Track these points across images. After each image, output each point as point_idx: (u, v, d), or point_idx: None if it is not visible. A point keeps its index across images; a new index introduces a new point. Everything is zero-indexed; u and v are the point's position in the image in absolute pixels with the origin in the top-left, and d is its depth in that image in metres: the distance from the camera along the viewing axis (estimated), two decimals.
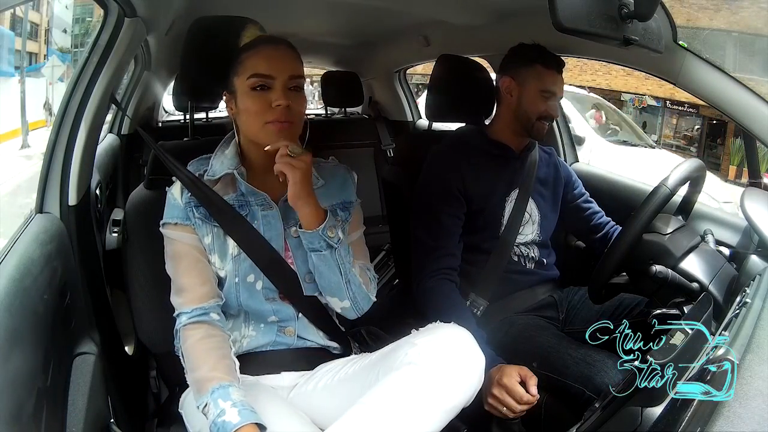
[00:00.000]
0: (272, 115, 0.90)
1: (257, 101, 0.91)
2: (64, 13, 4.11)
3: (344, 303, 0.97)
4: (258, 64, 0.91)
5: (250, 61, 0.92)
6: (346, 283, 0.95)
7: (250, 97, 0.91)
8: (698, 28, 9.62)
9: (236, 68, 0.93)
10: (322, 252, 0.92)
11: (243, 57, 0.93)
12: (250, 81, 0.91)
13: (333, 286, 0.95)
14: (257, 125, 0.92)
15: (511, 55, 1.32)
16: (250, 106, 0.91)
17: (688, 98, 9.31)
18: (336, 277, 0.94)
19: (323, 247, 0.92)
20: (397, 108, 2.69)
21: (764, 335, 0.68)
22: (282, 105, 0.90)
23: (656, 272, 0.98)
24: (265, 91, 0.91)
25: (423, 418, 0.78)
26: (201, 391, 0.84)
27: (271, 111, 0.90)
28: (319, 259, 0.93)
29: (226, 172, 0.96)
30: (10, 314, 0.71)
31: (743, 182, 6.87)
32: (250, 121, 0.92)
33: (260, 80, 0.90)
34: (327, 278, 0.94)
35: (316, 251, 0.93)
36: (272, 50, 0.92)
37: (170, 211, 0.96)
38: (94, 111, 1.03)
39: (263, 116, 0.91)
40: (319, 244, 0.92)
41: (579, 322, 1.25)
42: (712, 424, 0.54)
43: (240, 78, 0.92)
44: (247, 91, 0.91)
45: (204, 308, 0.92)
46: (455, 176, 1.26)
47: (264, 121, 0.91)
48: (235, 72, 0.93)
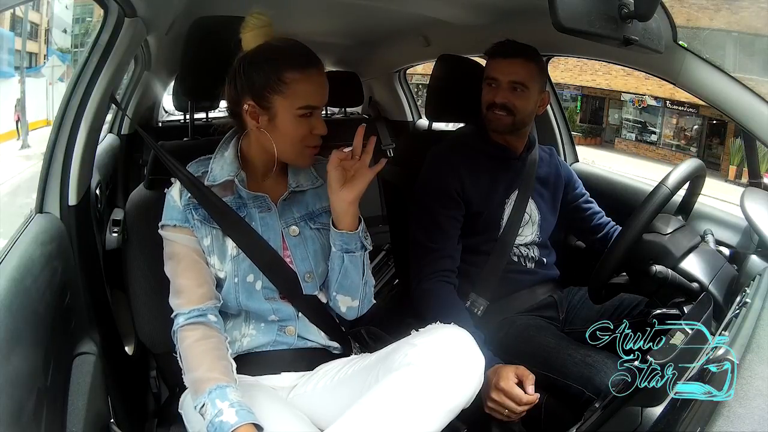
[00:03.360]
0: (313, 142, 0.94)
1: (302, 128, 0.92)
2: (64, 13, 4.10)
3: (354, 302, 0.99)
4: (311, 93, 0.91)
5: (301, 88, 0.90)
6: (364, 284, 0.98)
7: (297, 123, 0.91)
8: (698, 28, 9.63)
9: (279, 87, 0.89)
10: (356, 253, 0.95)
11: (289, 77, 0.89)
12: (301, 111, 0.90)
13: (354, 286, 0.98)
14: (297, 149, 0.94)
15: None
16: (294, 132, 0.92)
17: (688, 98, 9.31)
18: (359, 277, 0.97)
19: (358, 248, 0.95)
20: (397, 108, 2.69)
21: (764, 335, 0.68)
22: (322, 134, 0.93)
23: (656, 272, 0.97)
24: (308, 118, 0.92)
25: (423, 418, 0.77)
26: (198, 391, 0.84)
27: (311, 137, 0.93)
28: (350, 260, 0.95)
29: (226, 179, 0.96)
30: (10, 314, 0.71)
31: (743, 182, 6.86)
32: (289, 143, 0.93)
33: (310, 111, 0.91)
34: (351, 278, 0.97)
35: (350, 252, 0.95)
36: (319, 77, 0.92)
37: (169, 213, 0.96)
38: (94, 111, 1.03)
39: (306, 141, 0.93)
40: (355, 245, 0.94)
41: (579, 322, 1.25)
42: (712, 424, 0.54)
43: (287, 101, 0.90)
44: (294, 117, 0.91)
45: (201, 310, 0.92)
46: (454, 178, 1.26)
47: (304, 146, 0.94)
48: (280, 92, 0.90)
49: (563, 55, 1.70)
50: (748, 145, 1.23)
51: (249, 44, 0.92)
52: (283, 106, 0.90)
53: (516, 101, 1.23)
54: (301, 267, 0.98)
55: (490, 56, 1.27)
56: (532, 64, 1.24)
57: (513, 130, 1.27)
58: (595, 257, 1.10)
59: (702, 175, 1.13)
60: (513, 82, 1.23)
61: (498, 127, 1.27)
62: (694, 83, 1.14)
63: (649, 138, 13.07)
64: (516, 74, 1.23)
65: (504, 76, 1.23)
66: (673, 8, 1.09)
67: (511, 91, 1.23)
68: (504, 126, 1.26)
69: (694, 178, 1.11)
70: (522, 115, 1.25)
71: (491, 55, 1.27)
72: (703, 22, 9.86)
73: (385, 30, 2.08)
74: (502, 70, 1.24)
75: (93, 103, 1.02)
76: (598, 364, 1.05)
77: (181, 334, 0.91)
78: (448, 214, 1.26)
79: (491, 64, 1.27)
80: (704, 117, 11.57)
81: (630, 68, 1.43)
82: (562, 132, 1.78)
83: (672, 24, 1.10)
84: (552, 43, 1.40)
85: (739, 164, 10.16)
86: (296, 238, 0.98)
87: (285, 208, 0.98)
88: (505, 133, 1.28)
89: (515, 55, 1.23)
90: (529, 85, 1.23)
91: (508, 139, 1.30)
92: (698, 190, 1.17)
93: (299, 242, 0.97)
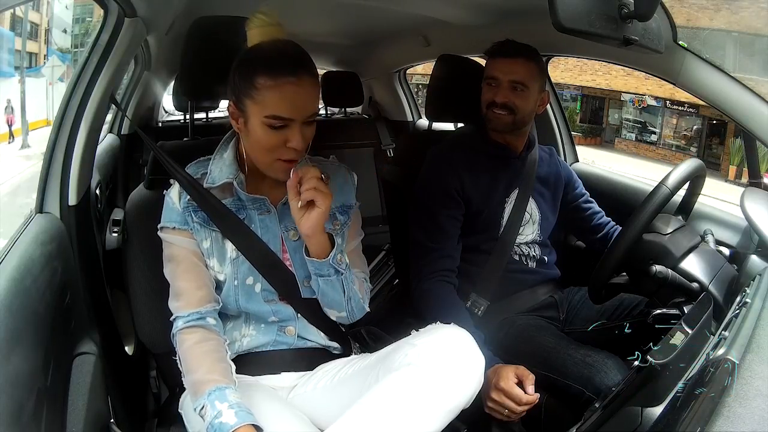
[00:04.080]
0: (286, 155, 0.87)
1: (272, 139, 0.85)
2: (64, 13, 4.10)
3: (341, 314, 0.98)
4: (280, 105, 0.83)
5: (271, 97, 0.83)
6: (348, 300, 0.96)
7: (265, 133, 0.85)
8: (698, 28, 9.64)
9: (250, 91, 0.84)
10: (330, 278, 0.92)
11: (260, 84, 0.83)
12: (268, 120, 0.84)
13: (335, 303, 0.96)
14: (267, 160, 0.88)
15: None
16: (263, 140, 0.86)
17: (688, 98, 9.32)
18: (339, 296, 0.95)
19: (331, 274, 0.92)
20: (397, 108, 2.69)
21: (764, 335, 0.68)
22: (299, 148, 0.86)
23: (656, 272, 0.97)
24: (282, 129, 0.85)
25: (423, 418, 0.77)
26: (198, 393, 0.84)
27: (285, 150, 0.86)
28: (325, 284, 0.93)
29: (225, 181, 0.95)
30: (11, 314, 0.71)
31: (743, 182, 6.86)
32: (259, 151, 0.88)
33: (279, 122, 0.84)
34: (330, 297, 0.95)
35: (324, 277, 0.92)
36: (296, 88, 0.83)
37: (168, 215, 0.96)
38: (94, 111, 1.02)
39: (276, 153, 0.87)
40: (327, 271, 0.91)
41: (579, 322, 1.25)
42: (712, 424, 0.54)
43: (257, 107, 0.84)
44: (262, 125, 0.85)
45: (200, 312, 0.92)
46: (454, 178, 1.26)
47: (275, 158, 0.87)
48: (251, 96, 0.84)
49: (563, 55, 1.70)
50: (748, 145, 1.23)
51: (252, 41, 0.89)
52: (253, 112, 0.85)
53: (516, 100, 1.24)
54: (300, 272, 0.97)
55: (491, 56, 1.28)
56: (532, 64, 1.25)
57: (513, 129, 1.28)
58: (595, 257, 1.10)
59: (702, 175, 1.13)
60: (513, 81, 1.23)
61: (498, 126, 1.27)
62: (694, 83, 1.14)
63: (649, 138, 13.08)
64: (516, 73, 1.23)
65: (504, 75, 1.24)
66: (673, 8, 1.09)
67: (512, 91, 1.24)
68: (504, 125, 1.26)
69: (694, 178, 1.11)
70: (522, 114, 1.25)
71: (492, 55, 1.27)
72: (703, 22, 9.86)
73: (385, 30, 2.08)
74: (503, 69, 1.24)
75: (93, 103, 1.02)
76: (598, 364, 1.05)
77: (180, 337, 0.91)
78: (448, 213, 1.26)
79: (492, 64, 1.27)
80: (704, 117, 11.57)
81: (630, 68, 1.43)
82: (562, 132, 1.78)
83: (672, 24, 1.10)
84: (552, 43, 1.40)
85: (739, 164, 10.16)
86: (296, 243, 0.97)
87: (285, 212, 0.97)
88: (506, 132, 1.28)
89: (516, 55, 1.24)
90: (529, 84, 1.24)
91: (508, 138, 1.30)
92: (698, 190, 1.17)
93: (298, 247, 0.96)
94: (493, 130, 1.29)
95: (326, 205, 0.86)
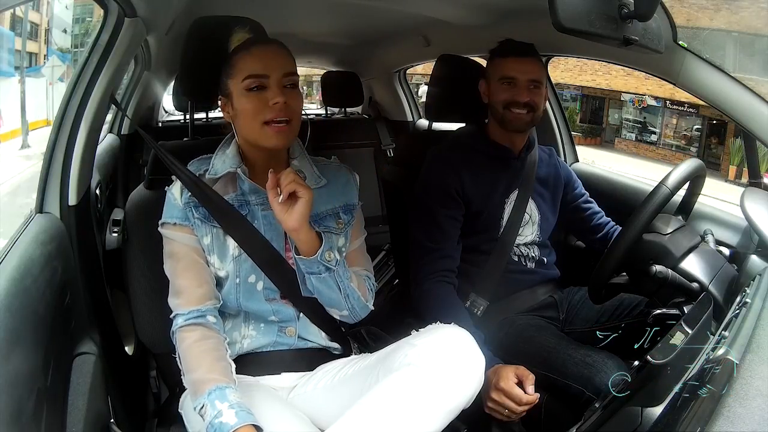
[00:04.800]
0: (270, 114, 0.90)
1: (254, 101, 0.90)
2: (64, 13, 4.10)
3: (343, 312, 0.98)
4: (251, 64, 0.91)
5: (244, 62, 0.91)
6: (345, 297, 0.95)
7: (247, 98, 0.91)
8: (698, 28, 9.63)
9: (229, 71, 0.93)
10: (321, 275, 0.92)
11: (235, 59, 0.92)
12: (245, 82, 0.90)
13: (333, 301, 0.96)
14: (256, 126, 0.91)
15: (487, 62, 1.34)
16: (246, 107, 0.91)
17: (688, 98, 9.31)
18: (335, 294, 0.95)
19: (322, 271, 0.92)
20: (397, 108, 2.69)
21: (764, 335, 0.68)
22: (279, 102, 0.89)
23: (656, 272, 0.97)
24: (261, 91, 0.90)
25: (423, 418, 0.77)
26: (198, 392, 0.84)
27: (268, 109, 0.90)
28: (318, 281, 0.93)
29: (228, 170, 0.96)
30: (10, 314, 0.71)
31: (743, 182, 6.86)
32: (248, 122, 0.92)
33: (255, 81, 0.90)
34: (326, 295, 0.95)
35: (315, 274, 0.92)
36: (264, 49, 0.92)
37: (169, 211, 0.96)
38: (94, 111, 1.02)
39: (261, 116, 0.90)
40: (317, 268, 0.91)
41: (579, 322, 1.25)
42: (712, 424, 0.54)
43: (234, 80, 0.92)
44: (243, 92, 0.91)
45: (200, 310, 0.92)
46: (454, 178, 1.26)
47: (262, 121, 0.90)
48: (229, 74, 0.93)
49: (563, 55, 1.70)
50: (748, 145, 1.23)
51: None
52: (233, 87, 0.92)
53: (535, 98, 1.26)
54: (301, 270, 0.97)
55: (502, 55, 1.28)
56: (541, 62, 1.29)
57: (530, 127, 1.30)
58: (595, 257, 1.10)
59: (702, 175, 1.13)
60: (531, 80, 1.25)
61: (519, 126, 1.27)
62: (694, 83, 1.14)
63: (649, 138, 13.07)
64: (533, 72, 1.26)
65: (523, 75, 1.25)
66: (673, 8, 1.09)
67: (529, 90, 1.25)
68: (525, 124, 1.27)
69: (694, 178, 1.11)
70: (539, 112, 1.28)
71: (503, 55, 1.28)
72: (703, 22, 9.86)
73: (385, 30, 2.08)
74: (520, 69, 1.25)
75: (93, 103, 1.02)
76: (598, 364, 1.05)
77: (180, 335, 0.91)
78: (447, 213, 1.26)
79: (505, 64, 1.27)
80: (704, 117, 11.57)
81: (630, 68, 1.43)
82: (562, 132, 1.78)
83: (672, 24, 1.10)
84: (552, 43, 1.40)
85: (739, 164, 10.15)
86: None
87: None
88: (524, 131, 1.30)
89: (529, 54, 1.26)
90: (543, 81, 1.28)
91: (512, 138, 1.30)
92: (698, 190, 1.17)
93: None
94: (514, 130, 1.29)
95: (308, 195, 0.87)
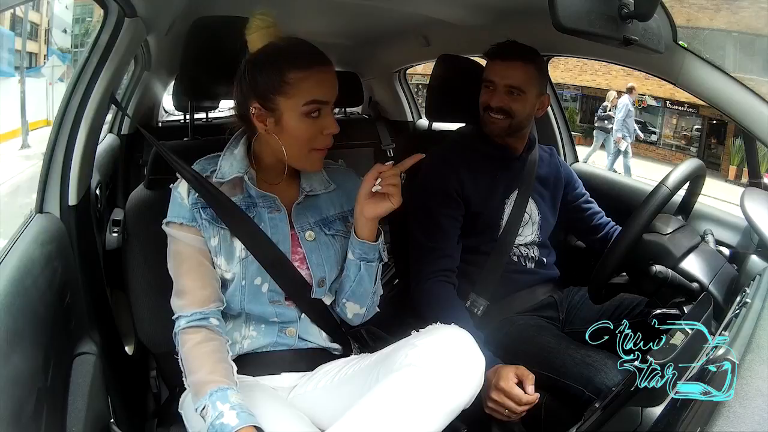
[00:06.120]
0: (323, 143, 0.92)
1: (311, 128, 0.90)
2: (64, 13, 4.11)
3: (362, 310, 1.01)
4: (315, 90, 0.89)
5: (306, 85, 0.88)
6: (374, 293, 1.00)
7: (304, 123, 0.89)
8: (698, 28, 9.63)
9: (283, 88, 0.88)
10: (373, 263, 0.97)
11: (291, 77, 0.88)
12: (306, 107, 0.88)
13: (365, 294, 0.99)
14: (304, 151, 0.92)
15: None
16: (302, 132, 0.90)
17: (688, 98, 9.31)
18: (371, 286, 0.99)
19: (375, 258, 0.97)
20: (397, 108, 2.69)
21: (764, 335, 0.68)
22: (334, 133, 0.91)
23: (656, 272, 0.97)
24: (317, 118, 0.90)
25: (423, 419, 0.77)
26: (199, 394, 0.84)
27: (321, 138, 0.91)
28: (366, 269, 0.97)
29: (236, 176, 0.95)
30: (10, 314, 0.71)
31: (743, 182, 6.86)
32: (297, 145, 0.91)
33: (316, 106, 0.89)
34: (365, 286, 0.98)
35: (369, 261, 0.96)
36: (324, 74, 0.90)
37: (176, 210, 0.95)
38: (94, 111, 1.02)
39: (312, 143, 0.91)
40: (374, 255, 0.96)
41: (579, 322, 1.25)
42: (712, 424, 0.54)
43: (291, 100, 0.88)
44: (301, 116, 0.89)
45: (204, 313, 0.91)
46: (453, 178, 1.26)
47: (311, 148, 0.92)
48: (283, 92, 0.88)
49: (563, 55, 1.70)
50: (748, 145, 1.23)
51: (255, 45, 0.91)
52: (287, 107, 0.89)
53: (512, 104, 1.23)
54: (317, 272, 0.97)
55: (489, 57, 1.27)
56: (530, 67, 1.23)
57: (510, 133, 1.27)
58: (595, 257, 1.10)
59: (702, 175, 1.13)
60: (509, 85, 1.22)
61: (494, 130, 1.26)
62: (694, 83, 1.14)
63: (649, 138, 13.07)
64: (512, 78, 1.22)
65: (500, 79, 1.23)
66: (673, 8, 1.08)
67: (508, 95, 1.23)
68: (500, 129, 1.26)
69: (694, 178, 1.11)
70: (519, 119, 1.24)
71: (490, 57, 1.27)
72: (703, 22, 9.85)
73: (385, 30, 2.08)
74: (499, 72, 1.23)
75: (93, 103, 1.02)
76: (598, 364, 1.05)
77: (182, 337, 0.90)
78: (447, 213, 1.25)
79: (489, 66, 1.27)
80: (704, 117, 11.56)
81: (630, 68, 1.43)
82: (563, 132, 1.78)
83: (672, 24, 1.10)
84: (552, 43, 1.40)
85: (739, 164, 10.15)
86: (312, 243, 0.97)
87: (300, 213, 0.98)
88: (502, 135, 1.28)
89: (513, 58, 1.23)
90: (525, 88, 1.22)
91: (507, 140, 1.30)
92: (698, 190, 1.17)
93: (315, 247, 0.97)
94: (489, 133, 1.28)
95: (399, 203, 0.91)
